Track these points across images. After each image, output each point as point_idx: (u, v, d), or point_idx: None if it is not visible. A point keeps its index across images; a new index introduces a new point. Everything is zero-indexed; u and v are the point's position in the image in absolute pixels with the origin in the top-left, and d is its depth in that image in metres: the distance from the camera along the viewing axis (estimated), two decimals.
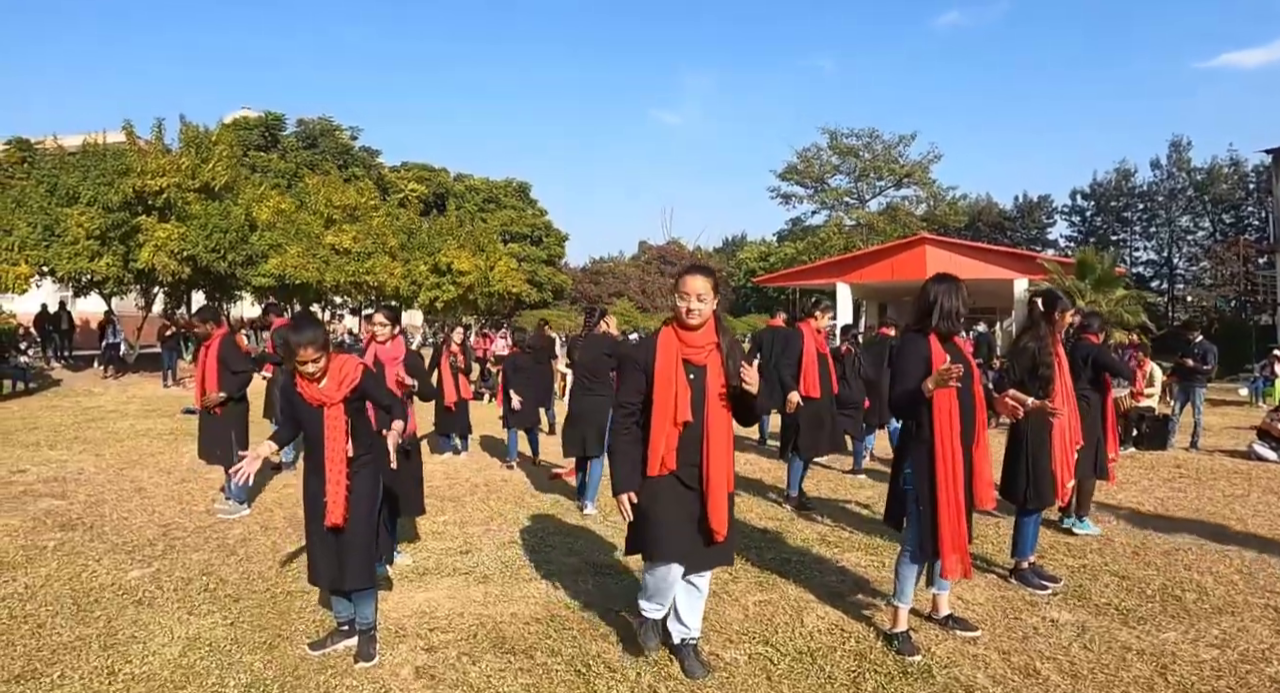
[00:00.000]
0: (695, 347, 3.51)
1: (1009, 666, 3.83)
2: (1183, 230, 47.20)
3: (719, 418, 3.50)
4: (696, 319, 3.49)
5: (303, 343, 3.62)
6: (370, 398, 3.87)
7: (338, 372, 3.75)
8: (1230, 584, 5.02)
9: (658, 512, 3.48)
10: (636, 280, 56.36)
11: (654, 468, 3.44)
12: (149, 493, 7.44)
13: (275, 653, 3.89)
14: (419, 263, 30.11)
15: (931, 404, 3.85)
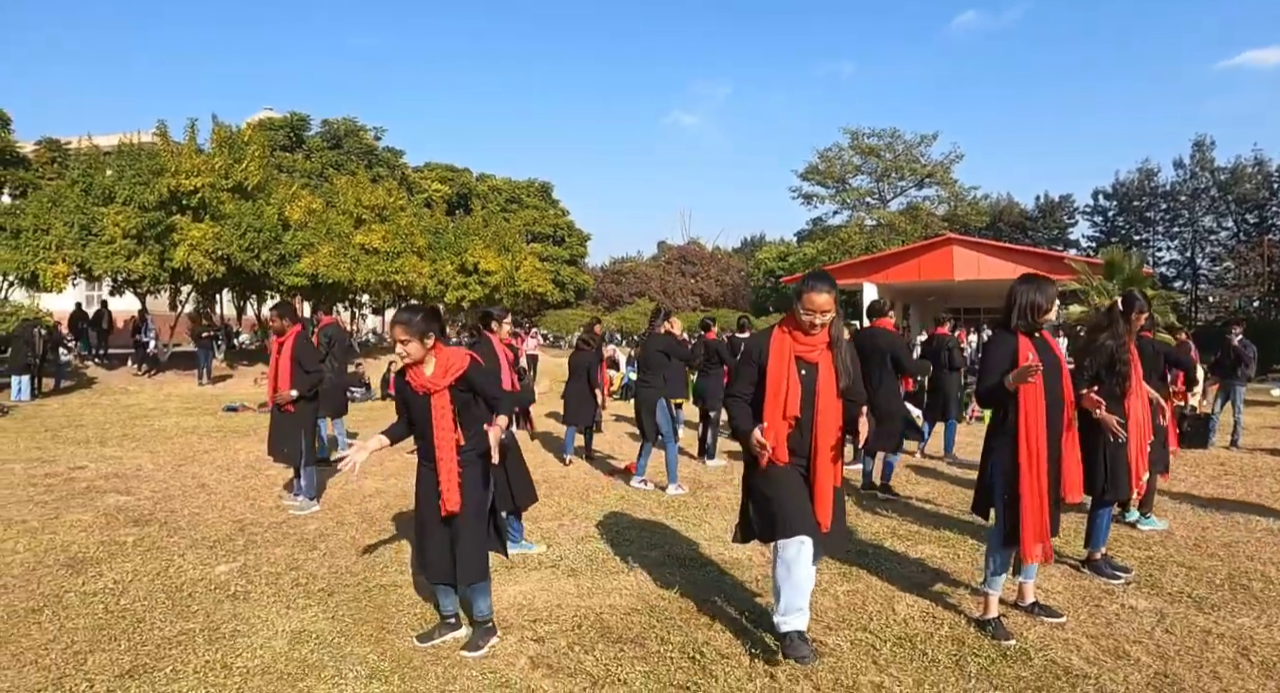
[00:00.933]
0: (809, 345, 3.65)
1: (1099, 648, 3.96)
2: (1206, 230, 46.92)
3: (829, 414, 3.62)
4: (816, 332, 3.64)
5: (395, 323, 3.82)
6: (476, 389, 3.88)
7: (445, 361, 3.84)
8: None
9: (779, 492, 3.60)
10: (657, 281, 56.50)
11: (762, 460, 3.58)
12: (213, 489, 7.60)
13: (384, 645, 3.96)
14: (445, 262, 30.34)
15: (1017, 398, 3.98)
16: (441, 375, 3.82)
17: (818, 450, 3.61)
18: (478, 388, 3.89)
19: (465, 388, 3.85)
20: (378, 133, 41.99)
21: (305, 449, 6.69)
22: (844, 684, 3.54)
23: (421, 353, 3.83)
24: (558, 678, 3.61)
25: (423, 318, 3.82)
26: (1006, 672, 3.69)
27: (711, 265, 58.86)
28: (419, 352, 3.82)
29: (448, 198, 41.99)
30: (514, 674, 3.65)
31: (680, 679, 3.57)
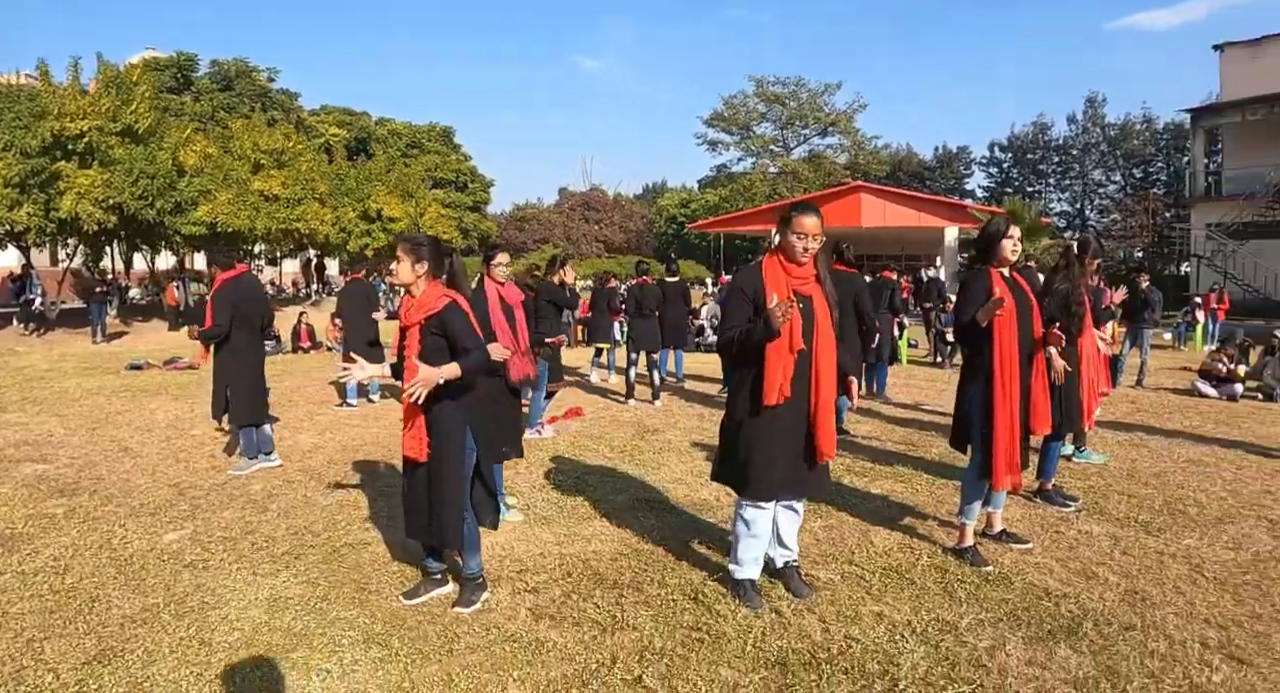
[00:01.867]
0: (802, 278, 3.64)
1: (1069, 571, 4.19)
2: (1095, 183, 49.48)
3: (827, 344, 3.64)
4: (808, 257, 3.62)
5: (399, 239, 3.67)
6: (449, 332, 3.59)
7: (426, 297, 3.62)
8: (1221, 500, 5.51)
9: (766, 448, 3.60)
10: (561, 227, 55.99)
11: (771, 397, 3.52)
12: (139, 453, 7.13)
13: (369, 607, 3.78)
14: (348, 209, 29.18)
15: (991, 336, 4.11)
16: (415, 310, 3.62)
17: (820, 383, 3.62)
18: (450, 333, 3.60)
19: (438, 330, 3.59)
20: (271, 74, 39.79)
21: (234, 408, 6.31)
22: (846, 616, 3.62)
23: (409, 277, 3.64)
24: (564, 628, 3.55)
25: (424, 243, 3.67)
26: (993, 595, 3.86)
27: (615, 212, 58.64)
28: (406, 274, 3.64)
29: (346, 143, 40.23)
30: (518, 628, 3.55)
31: (689, 621, 3.58)
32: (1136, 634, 3.47)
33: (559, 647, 3.36)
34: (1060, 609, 3.71)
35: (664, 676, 3.11)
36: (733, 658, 3.24)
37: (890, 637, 3.43)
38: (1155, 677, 3.13)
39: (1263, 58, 25.54)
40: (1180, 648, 3.35)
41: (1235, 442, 7.48)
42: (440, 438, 3.62)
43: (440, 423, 3.62)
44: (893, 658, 3.24)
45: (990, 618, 3.62)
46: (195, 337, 6.33)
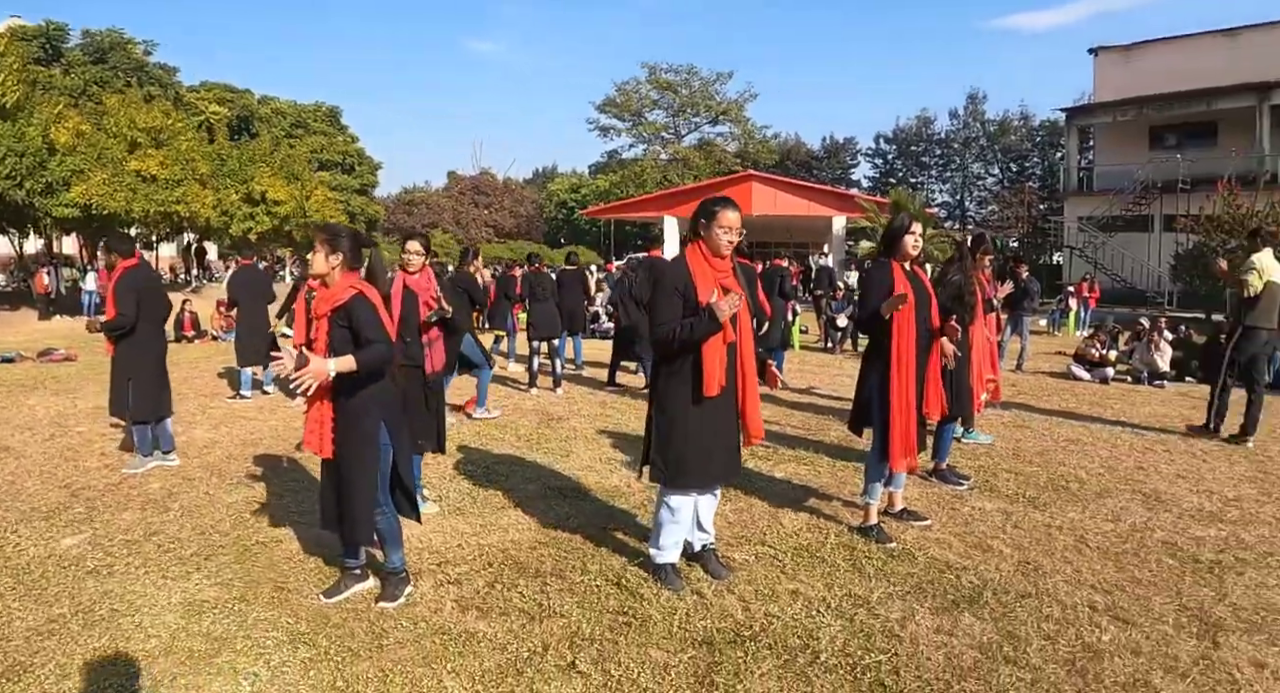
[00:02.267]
0: (725, 272, 3.74)
1: (967, 544, 4.49)
2: (975, 176, 52.07)
3: (747, 334, 3.78)
4: (729, 250, 3.72)
5: (316, 229, 3.64)
6: (353, 324, 3.50)
7: (336, 288, 3.55)
8: (1099, 476, 5.98)
9: (705, 439, 3.69)
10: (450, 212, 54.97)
11: (712, 388, 3.61)
12: (22, 452, 6.64)
13: (290, 606, 3.68)
14: (230, 191, 27.91)
15: (890, 325, 4.34)
16: (324, 302, 3.56)
17: (745, 368, 3.76)
18: (354, 325, 3.51)
19: (344, 322, 3.51)
20: (148, 47, 37.36)
21: (135, 403, 5.96)
22: (764, 594, 3.77)
23: (324, 267, 3.56)
24: (492, 618, 3.56)
25: (341, 235, 3.61)
26: (899, 569, 4.10)
27: (505, 196, 57.94)
28: (321, 265, 3.57)
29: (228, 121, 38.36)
30: (445, 620, 3.54)
31: (614, 606, 3.65)
32: (1032, 601, 3.76)
33: (489, 637, 3.37)
34: (961, 581, 3.97)
35: (596, 660, 3.17)
36: (660, 640, 3.33)
37: (808, 613, 3.60)
38: (1051, 639, 3.41)
39: (1134, 62, 27.39)
40: (1072, 612, 3.66)
41: (1109, 421, 8.08)
42: (351, 433, 3.55)
43: (351, 418, 3.55)
44: (812, 633, 3.40)
45: (898, 591, 3.84)
46: (98, 328, 5.95)
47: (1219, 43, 25.39)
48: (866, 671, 3.12)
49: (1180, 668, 3.19)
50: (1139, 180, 24.42)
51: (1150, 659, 3.25)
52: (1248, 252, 7.44)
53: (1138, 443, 7.09)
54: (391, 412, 3.68)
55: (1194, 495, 5.55)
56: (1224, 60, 24.40)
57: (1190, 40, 26.30)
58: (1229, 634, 3.48)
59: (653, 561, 3.94)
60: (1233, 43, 25.08)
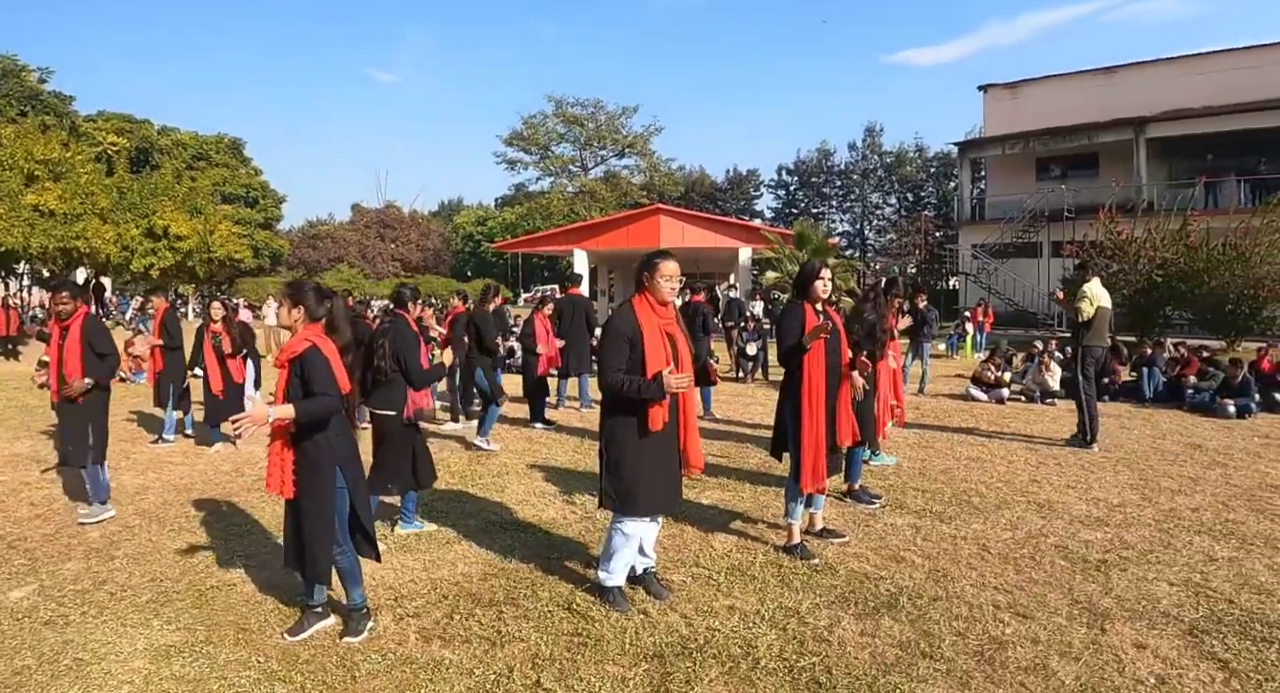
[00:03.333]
0: (667, 318, 4.11)
1: (882, 557, 4.93)
2: (873, 206, 54.52)
3: (687, 371, 4.13)
4: (673, 297, 4.08)
5: (284, 285, 3.92)
6: (305, 374, 3.68)
7: (295, 339, 3.75)
8: (998, 489, 6.57)
9: (651, 472, 4.03)
10: (356, 245, 54.30)
11: (656, 423, 3.97)
12: None
13: (256, 646, 3.79)
14: (131, 226, 27.05)
15: (802, 361, 4.78)
16: (283, 351, 3.77)
17: (686, 408, 4.15)
18: (305, 375, 3.69)
19: (300, 372, 3.70)
20: (43, 75, 36.05)
21: (94, 447, 5.90)
22: (704, 611, 4.11)
23: (286, 320, 3.81)
24: (455, 646, 3.77)
25: (305, 288, 3.85)
26: (823, 582, 4.51)
27: (412, 230, 57.64)
28: (284, 317, 3.83)
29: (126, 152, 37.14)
30: (410, 650, 3.73)
31: (568, 629, 3.92)
32: (943, 603, 4.22)
33: (455, 664, 3.59)
34: (879, 589, 4.41)
35: (559, 677, 3.44)
36: (615, 656, 3.63)
37: (745, 625, 3.95)
38: (961, 635, 3.86)
39: (1020, 98, 29.37)
40: (978, 611, 4.13)
41: (1006, 438, 8.74)
42: (309, 476, 3.72)
43: (309, 462, 3.72)
44: (750, 642, 3.75)
45: (824, 601, 4.24)
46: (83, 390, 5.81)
47: (1098, 80, 27.56)
48: (803, 672, 3.49)
49: (1073, 653, 3.69)
50: (1028, 209, 26.08)
51: (1047, 647, 3.74)
52: (1079, 282, 8.37)
53: (1032, 458, 7.75)
54: (348, 457, 3.86)
55: (1082, 503, 6.17)
56: (1102, 96, 26.49)
57: (1071, 78, 28.45)
58: (1115, 622, 4.00)
59: (601, 584, 4.22)
60: (1110, 80, 27.25)
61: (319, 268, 50.48)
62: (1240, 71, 24.12)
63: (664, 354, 3.99)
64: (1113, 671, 3.53)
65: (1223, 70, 24.62)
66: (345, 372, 3.80)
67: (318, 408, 3.65)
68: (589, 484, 6.60)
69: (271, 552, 5.08)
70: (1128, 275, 18.04)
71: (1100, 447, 8.19)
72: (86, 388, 5.85)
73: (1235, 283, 16.35)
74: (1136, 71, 26.91)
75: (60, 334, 5.90)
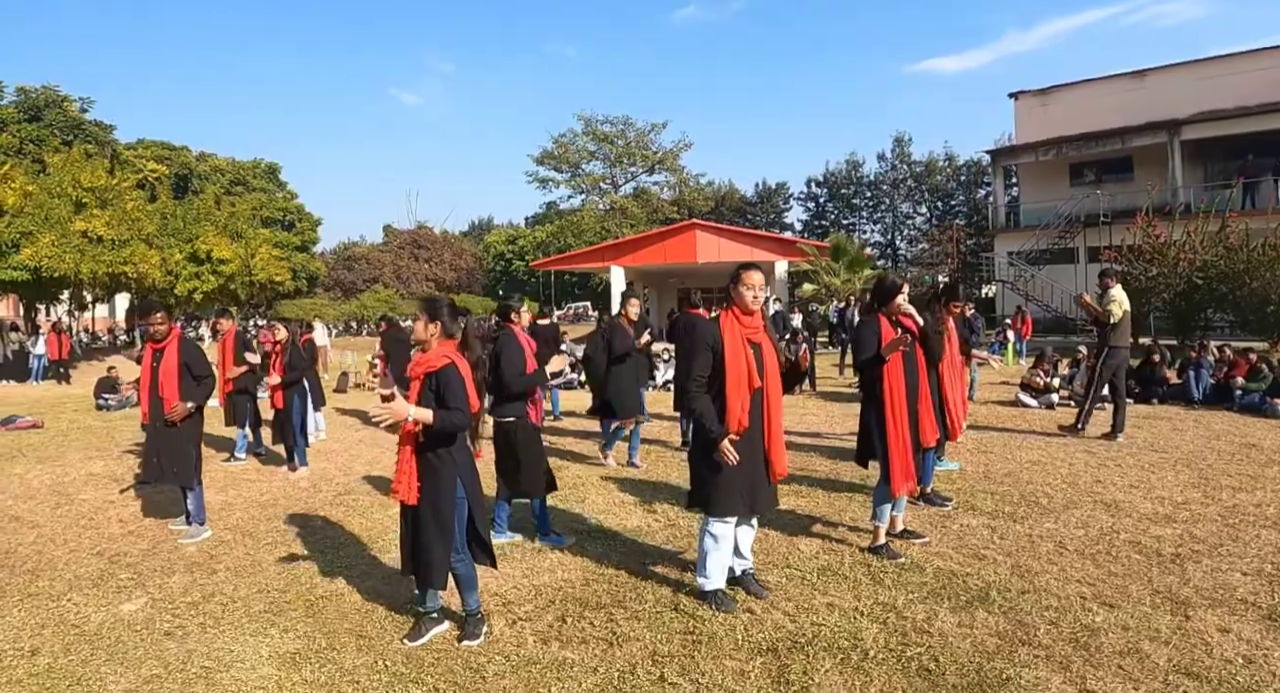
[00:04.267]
0: (753, 327, 4.30)
1: (964, 555, 5.09)
2: (904, 216, 54.39)
3: (775, 382, 4.34)
4: (756, 305, 4.29)
5: (418, 309, 4.03)
6: (441, 390, 3.85)
7: (433, 354, 3.92)
8: (1063, 490, 6.69)
9: (732, 474, 4.19)
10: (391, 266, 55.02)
11: (733, 427, 4.17)
12: (35, 522, 6.62)
13: (379, 652, 3.90)
14: (175, 250, 27.68)
15: (882, 369, 4.98)
16: (417, 365, 3.94)
17: (771, 412, 4.31)
18: (441, 391, 3.86)
19: (433, 387, 3.87)
20: (84, 104, 37.04)
21: (197, 468, 6.09)
22: (804, 608, 4.28)
23: (424, 335, 3.98)
24: (574, 647, 3.92)
25: (441, 304, 4.03)
26: (913, 579, 4.67)
27: (445, 250, 58.32)
28: (421, 333, 3.99)
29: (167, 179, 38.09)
30: (532, 652, 3.87)
31: (680, 627, 4.09)
32: (1031, 596, 4.37)
33: (579, 663, 3.75)
34: (968, 584, 4.57)
35: (681, 671, 3.62)
36: (731, 651, 3.80)
37: (846, 620, 4.11)
38: (1054, 624, 4.03)
39: (1051, 104, 29.37)
40: (1066, 602, 4.29)
41: (1061, 441, 8.84)
42: (431, 485, 3.90)
43: (432, 472, 3.91)
44: (856, 635, 3.92)
45: (918, 597, 4.40)
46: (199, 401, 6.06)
47: (1128, 84, 27.50)
48: (911, 661, 3.65)
49: (1162, 637, 3.86)
50: (1063, 215, 26.03)
51: (1137, 633, 3.91)
52: (1104, 288, 9.15)
53: (1091, 460, 7.84)
54: (467, 469, 4.03)
55: (1147, 502, 6.28)
56: (1133, 100, 26.43)
57: (1102, 82, 28.42)
58: (1196, 609, 4.16)
59: (701, 589, 4.38)
60: (1141, 83, 27.19)
61: (355, 289, 51.22)
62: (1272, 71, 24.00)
63: (745, 363, 4.17)
64: (1201, 653, 3.68)
65: (1254, 70, 24.49)
66: (475, 389, 3.99)
67: (452, 422, 3.84)
68: (666, 494, 6.82)
69: (370, 563, 5.30)
70: (1167, 279, 18.01)
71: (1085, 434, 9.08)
72: (189, 412, 5.97)
73: (1277, 283, 16.25)
74: (1167, 74, 26.83)
75: (153, 356, 6.02)
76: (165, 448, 6.00)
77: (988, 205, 46.99)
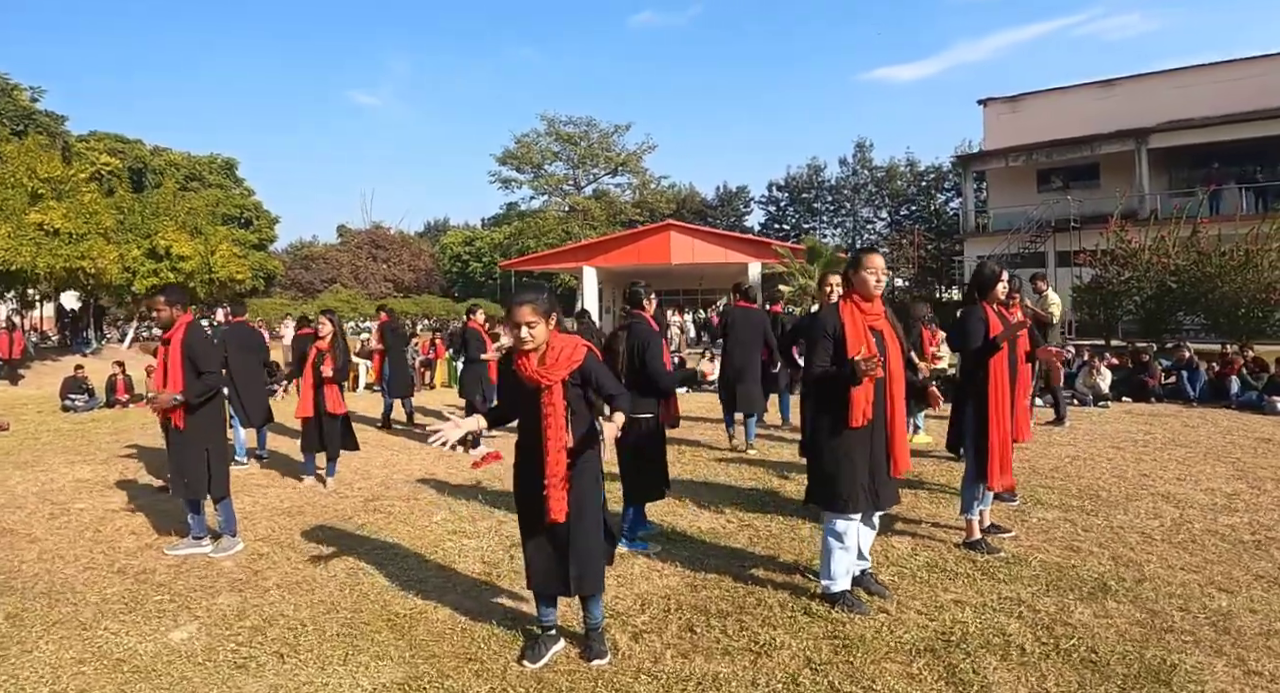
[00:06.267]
0: (874, 314, 4.18)
1: (1057, 547, 5.11)
2: (864, 220, 54.83)
3: (898, 370, 4.19)
4: (879, 290, 4.17)
5: (519, 303, 3.46)
6: (595, 384, 3.53)
7: (560, 350, 3.49)
8: (1116, 484, 6.78)
9: (852, 468, 4.07)
10: (349, 266, 54.08)
11: (857, 419, 4.02)
12: (32, 534, 5.94)
13: (501, 677, 3.52)
14: (133, 246, 26.70)
15: (985, 361, 4.94)
16: (555, 366, 3.48)
17: (895, 402, 4.17)
18: (595, 382, 3.54)
19: (579, 381, 3.53)
20: (35, 94, 35.64)
21: (215, 476, 5.45)
22: (933, 606, 4.19)
23: (546, 337, 3.52)
24: (718, 659, 3.65)
25: (549, 295, 3.56)
26: (1023, 573, 4.63)
27: (403, 250, 57.57)
28: (545, 336, 3.50)
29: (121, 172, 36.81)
30: (676, 667, 3.58)
31: (821, 632, 3.89)
32: (1148, 585, 4.40)
33: (734, 676, 3.49)
34: (1079, 575, 4.56)
35: (849, 677, 3.45)
36: (887, 653, 3.66)
37: (981, 616, 4.03)
38: (1184, 610, 4.06)
39: (1020, 111, 29.97)
40: (1183, 588, 4.34)
41: (1087, 439, 8.94)
42: (581, 495, 3.57)
43: (581, 481, 3.59)
44: (1002, 631, 3.85)
45: (1038, 590, 4.37)
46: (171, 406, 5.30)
47: (1096, 93, 28.23)
48: (1070, 653, 3.61)
49: None
50: (1034, 220, 26.53)
51: (1265, 616, 3.98)
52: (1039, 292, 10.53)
53: (1127, 455, 7.97)
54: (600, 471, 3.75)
55: (1200, 493, 6.40)
56: (1101, 108, 27.14)
57: (1070, 91, 29.11)
58: None
59: (828, 592, 4.19)
60: (1109, 92, 27.93)
61: (313, 289, 50.10)
62: (1237, 82, 24.86)
63: (865, 348, 4.01)
64: None
65: (1219, 81, 25.36)
66: None
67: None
68: (726, 497, 6.58)
69: (440, 575, 4.87)
70: (1139, 283, 18.44)
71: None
72: (173, 405, 5.30)
73: (1247, 288, 16.75)
74: (1134, 83, 27.61)
75: (161, 347, 5.44)
76: (179, 457, 5.43)
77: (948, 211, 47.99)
